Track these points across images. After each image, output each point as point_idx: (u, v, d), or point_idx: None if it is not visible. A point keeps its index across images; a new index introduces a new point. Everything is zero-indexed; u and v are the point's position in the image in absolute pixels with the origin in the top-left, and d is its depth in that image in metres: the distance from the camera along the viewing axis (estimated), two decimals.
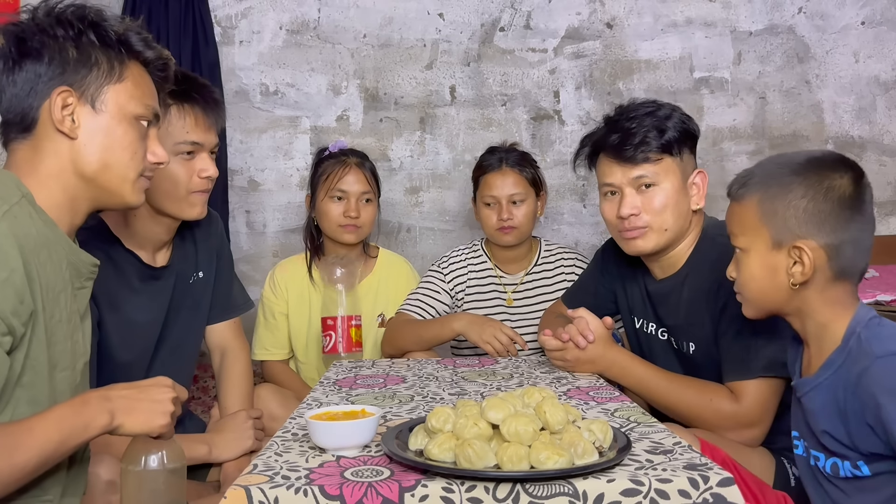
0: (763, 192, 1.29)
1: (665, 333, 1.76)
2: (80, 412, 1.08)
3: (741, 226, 1.33)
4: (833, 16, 2.90)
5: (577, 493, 0.98)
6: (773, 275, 1.29)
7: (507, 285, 2.30)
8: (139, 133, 1.23)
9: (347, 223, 2.23)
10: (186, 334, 1.81)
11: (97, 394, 1.12)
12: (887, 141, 2.92)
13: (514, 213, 2.21)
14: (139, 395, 1.13)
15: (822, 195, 1.25)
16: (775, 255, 1.28)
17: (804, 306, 1.29)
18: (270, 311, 2.32)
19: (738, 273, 1.36)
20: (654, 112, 1.68)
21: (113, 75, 1.19)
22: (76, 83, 1.17)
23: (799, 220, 1.25)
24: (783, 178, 1.28)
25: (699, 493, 0.98)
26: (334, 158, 2.28)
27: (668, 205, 1.65)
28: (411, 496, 0.98)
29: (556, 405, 1.12)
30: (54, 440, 1.05)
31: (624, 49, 2.90)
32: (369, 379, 1.67)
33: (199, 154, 1.66)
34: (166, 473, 1.14)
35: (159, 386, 1.16)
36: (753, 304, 1.36)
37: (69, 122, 1.16)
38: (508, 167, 2.24)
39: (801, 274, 1.25)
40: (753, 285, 1.33)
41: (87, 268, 1.23)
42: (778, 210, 1.27)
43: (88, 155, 1.18)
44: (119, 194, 1.23)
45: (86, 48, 1.17)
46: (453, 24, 2.89)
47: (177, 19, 2.73)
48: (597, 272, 1.99)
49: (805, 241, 1.24)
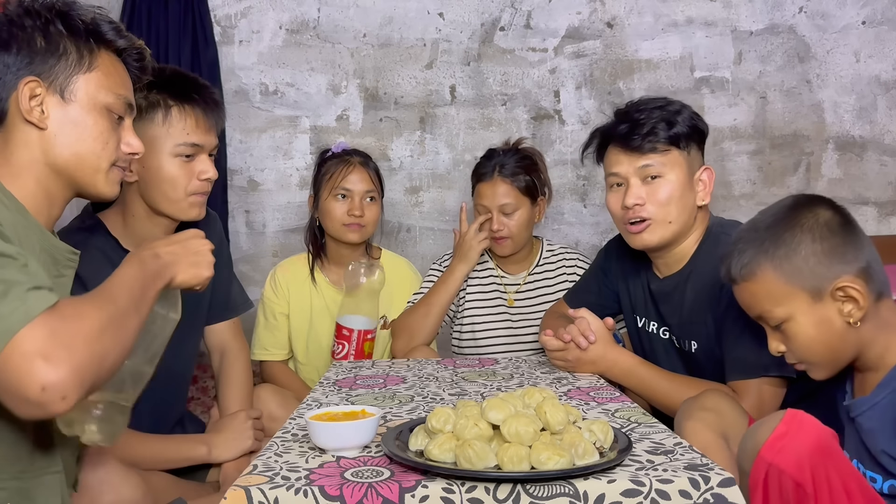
0: (770, 258, 1.27)
1: (667, 332, 1.76)
2: (143, 268, 1.08)
3: (771, 299, 1.29)
4: (834, 15, 2.90)
5: (578, 493, 0.98)
6: (829, 326, 1.26)
7: (508, 285, 2.30)
8: (110, 123, 1.22)
9: (351, 222, 2.23)
10: (185, 335, 1.79)
11: (146, 253, 1.13)
12: (888, 141, 2.92)
13: (506, 223, 2.18)
14: (183, 250, 1.17)
15: (825, 231, 1.25)
16: (821, 307, 1.26)
17: (865, 340, 1.26)
18: (271, 312, 2.31)
19: (791, 344, 1.31)
20: (663, 106, 1.69)
21: (83, 65, 1.18)
22: (44, 73, 1.16)
23: (823, 264, 1.24)
24: (780, 237, 1.27)
25: (700, 493, 0.98)
26: (338, 158, 2.28)
27: (672, 197, 1.65)
28: (411, 497, 0.98)
29: (557, 406, 1.12)
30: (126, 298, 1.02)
31: (624, 49, 2.90)
32: (369, 379, 1.67)
33: (199, 156, 1.66)
34: (161, 319, 1.17)
35: (196, 238, 1.21)
36: (824, 364, 1.31)
37: (38, 112, 1.15)
38: (500, 177, 2.18)
39: (858, 309, 1.24)
40: (817, 346, 1.28)
41: (63, 255, 1.21)
42: (798, 265, 1.25)
43: (59, 145, 1.17)
44: (92, 185, 1.22)
45: (54, 37, 1.16)
46: (453, 24, 2.89)
47: (176, 19, 2.73)
48: (599, 272, 1.99)
49: (842, 279, 1.23)
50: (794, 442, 1.09)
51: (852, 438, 1.31)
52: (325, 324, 2.28)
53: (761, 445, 1.11)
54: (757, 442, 1.12)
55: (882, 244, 2.63)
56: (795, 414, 1.13)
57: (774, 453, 1.09)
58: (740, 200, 2.91)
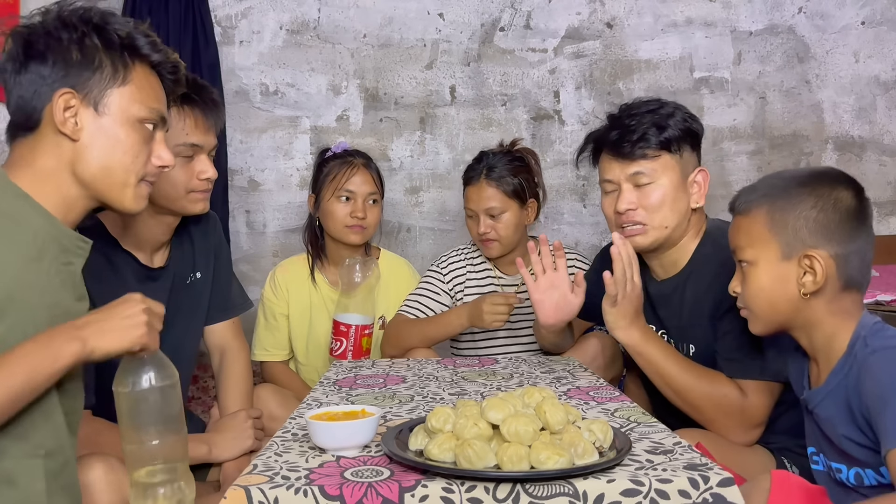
0: (770, 203, 1.30)
1: (664, 335, 1.75)
2: (46, 345, 1.05)
3: (748, 238, 1.33)
4: (833, 16, 2.90)
5: (578, 493, 0.98)
6: (783, 285, 1.29)
7: (506, 286, 2.29)
8: (142, 136, 1.22)
9: (354, 224, 2.23)
10: (185, 335, 1.80)
11: (66, 325, 1.10)
12: (887, 141, 2.92)
13: (493, 226, 2.18)
14: (109, 315, 1.11)
15: (830, 206, 1.26)
16: (785, 266, 1.28)
17: (812, 317, 1.29)
18: (271, 312, 2.31)
19: (744, 287, 1.35)
20: (655, 110, 1.68)
21: (117, 78, 1.19)
22: (79, 85, 1.16)
23: (809, 230, 1.26)
24: (790, 190, 1.29)
25: (699, 493, 0.98)
26: (340, 159, 2.27)
27: (664, 202, 1.65)
28: (411, 496, 0.98)
29: (556, 405, 1.12)
30: (20, 374, 1.02)
31: (624, 49, 2.90)
32: (369, 379, 1.67)
33: (199, 156, 1.66)
34: (157, 391, 1.13)
35: (128, 302, 1.13)
36: (762, 317, 1.35)
37: (72, 123, 1.16)
38: (486, 181, 2.17)
39: (813, 283, 1.26)
40: (762, 297, 1.32)
41: (72, 242, 1.20)
42: (788, 220, 1.28)
43: (89, 157, 1.18)
44: (119, 199, 1.22)
45: (89, 50, 1.17)
46: (453, 24, 2.89)
47: (177, 19, 2.73)
48: (597, 276, 1.99)
49: (816, 251, 1.25)
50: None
51: (814, 431, 1.34)
52: (324, 324, 2.28)
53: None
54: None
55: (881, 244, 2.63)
56: (782, 480, 1.14)
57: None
58: None
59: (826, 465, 1.31)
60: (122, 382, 1.13)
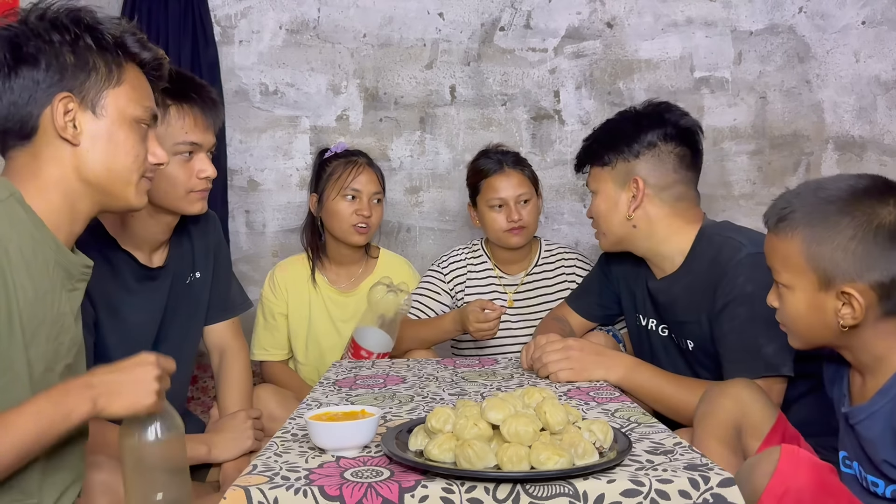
0: (808, 231, 1.23)
1: (666, 330, 1.77)
2: (59, 402, 1.06)
3: (784, 263, 1.27)
4: (833, 15, 2.90)
5: (578, 493, 0.98)
6: (821, 315, 1.24)
7: (507, 286, 2.29)
8: (140, 135, 1.23)
9: (359, 222, 2.22)
10: (184, 335, 1.81)
11: (78, 381, 1.10)
12: (888, 141, 2.91)
13: (523, 213, 2.20)
14: (122, 377, 1.11)
15: (871, 235, 1.18)
16: (823, 297, 1.22)
17: (856, 343, 1.24)
18: (270, 312, 2.31)
19: (781, 305, 1.30)
20: (604, 124, 1.84)
21: (111, 79, 1.18)
22: (76, 89, 1.15)
23: (848, 263, 1.19)
24: (829, 218, 1.21)
25: (699, 493, 0.98)
26: (343, 158, 2.28)
27: (599, 212, 1.79)
28: (411, 497, 0.98)
29: (557, 406, 1.12)
30: (32, 433, 1.03)
31: (624, 49, 2.90)
32: (369, 379, 1.67)
33: (198, 154, 1.66)
34: (163, 443, 1.13)
35: (142, 364, 1.13)
36: (801, 338, 1.31)
37: (71, 128, 1.15)
38: (511, 168, 2.21)
39: (852, 318, 1.20)
40: (801, 323, 1.28)
41: (77, 269, 1.21)
42: (825, 253, 1.21)
43: (91, 161, 1.17)
44: (123, 198, 1.23)
45: (83, 53, 1.16)
46: (453, 24, 2.89)
47: (176, 19, 2.73)
48: (601, 274, 2.00)
49: (855, 285, 1.19)
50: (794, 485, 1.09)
51: (852, 443, 1.29)
52: (324, 324, 2.28)
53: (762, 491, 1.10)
54: (756, 487, 1.11)
55: None
56: (791, 453, 1.12)
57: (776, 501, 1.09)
58: (740, 200, 2.91)
59: (861, 474, 1.27)
60: (128, 434, 1.13)
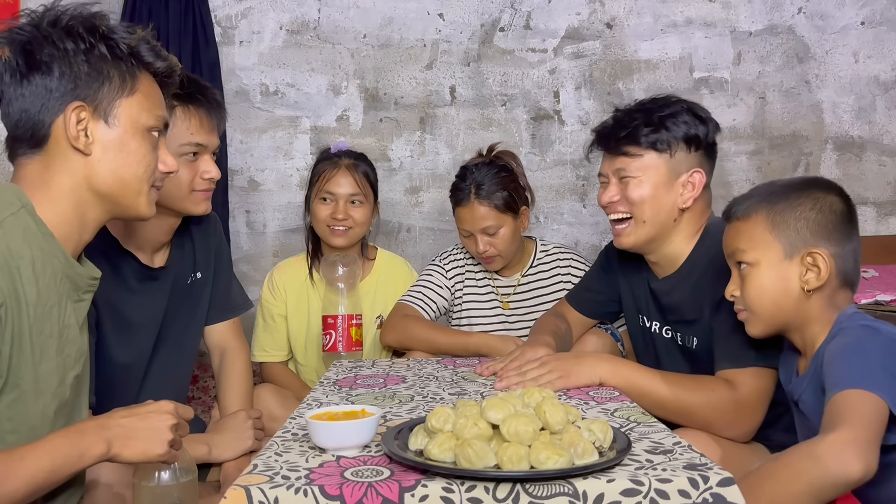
0: (770, 207, 1.37)
1: (669, 331, 1.76)
2: (75, 442, 1.07)
3: (749, 241, 1.38)
4: (833, 16, 2.90)
5: (577, 493, 0.98)
6: (785, 284, 1.35)
7: (501, 288, 2.29)
8: (151, 144, 1.22)
9: (333, 225, 2.22)
10: (185, 335, 1.81)
11: (95, 422, 1.10)
12: (887, 141, 2.92)
13: (492, 242, 2.14)
14: (137, 424, 1.11)
15: (827, 209, 1.35)
16: (787, 265, 1.35)
17: (811, 314, 1.35)
18: (269, 313, 2.31)
19: (744, 290, 1.40)
20: (652, 109, 1.70)
21: (125, 89, 1.17)
22: (89, 98, 1.14)
23: (810, 230, 1.34)
24: (788, 195, 1.37)
25: (699, 492, 0.98)
26: (329, 159, 2.27)
27: (644, 199, 1.67)
28: (411, 496, 0.98)
29: (556, 405, 1.12)
30: (45, 469, 1.04)
31: (624, 49, 2.90)
32: (369, 379, 1.67)
33: (202, 156, 1.67)
34: (179, 486, 1.15)
35: (159, 413, 1.14)
36: (763, 317, 1.39)
37: (83, 138, 1.14)
38: (478, 200, 2.12)
39: (817, 279, 1.32)
40: (765, 297, 1.37)
41: (85, 281, 1.21)
42: (789, 222, 1.35)
43: (103, 171, 1.16)
44: (134, 208, 1.22)
45: (97, 62, 1.14)
46: (453, 24, 2.89)
47: (177, 19, 2.73)
48: (601, 272, 1.99)
49: (819, 248, 1.33)
50: None
51: (802, 424, 1.39)
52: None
53: None
54: None
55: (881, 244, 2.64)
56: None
57: None
58: None
59: None
60: (145, 476, 1.14)
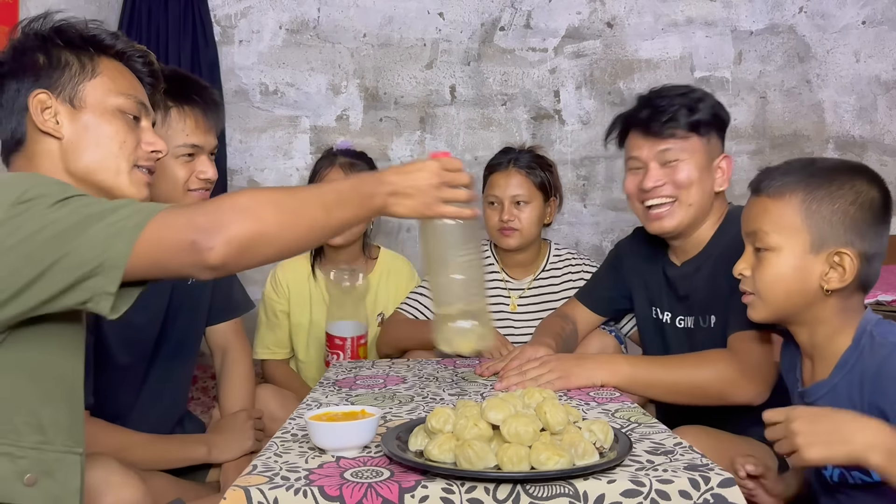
0: (808, 191, 1.24)
1: (682, 321, 1.75)
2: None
3: (776, 224, 1.26)
4: (834, 15, 2.90)
5: (578, 493, 0.98)
6: (803, 278, 1.24)
7: (512, 290, 2.27)
8: (125, 124, 1.24)
9: None
10: (185, 336, 1.80)
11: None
12: (888, 141, 2.92)
13: (517, 214, 2.16)
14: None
15: (867, 203, 1.22)
16: (811, 260, 1.23)
17: (821, 315, 1.25)
18: (272, 310, 2.32)
19: (757, 272, 1.29)
20: (686, 94, 1.73)
21: (86, 72, 1.21)
22: (51, 86, 1.19)
23: (845, 226, 1.21)
24: (831, 181, 1.24)
25: (700, 493, 0.98)
26: (326, 158, 2.27)
27: (692, 180, 1.68)
28: (411, 497, 0.98)
29: (557, 406, 1.12)
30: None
31: (624, 48, 2.90)
32: (369, 379, 1.67)
33: (199, 156, 1.66)
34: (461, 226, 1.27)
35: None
36: (771, 305, 1.29)
37: (52, 122, 1.19)
38: (515, 168, 2.18)
39: (839, 281, 1.21)
40: (780, 286, 1.26)
41: None
42: (824, 212, 1.22)
43: (77, 152, 1.19)
44: (117, 188, 1.23)
45: (53, 52, 1.20)
46: (453, 24, 2.89)
47: (176, 19, 2.73)
48: (612, 270, 1.99)
49: (849, 248, 1.21)
50: None
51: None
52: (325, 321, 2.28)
53: None
54: None
55: None
56: None
57: None
58: (740, 200, 2.88)
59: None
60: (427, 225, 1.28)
